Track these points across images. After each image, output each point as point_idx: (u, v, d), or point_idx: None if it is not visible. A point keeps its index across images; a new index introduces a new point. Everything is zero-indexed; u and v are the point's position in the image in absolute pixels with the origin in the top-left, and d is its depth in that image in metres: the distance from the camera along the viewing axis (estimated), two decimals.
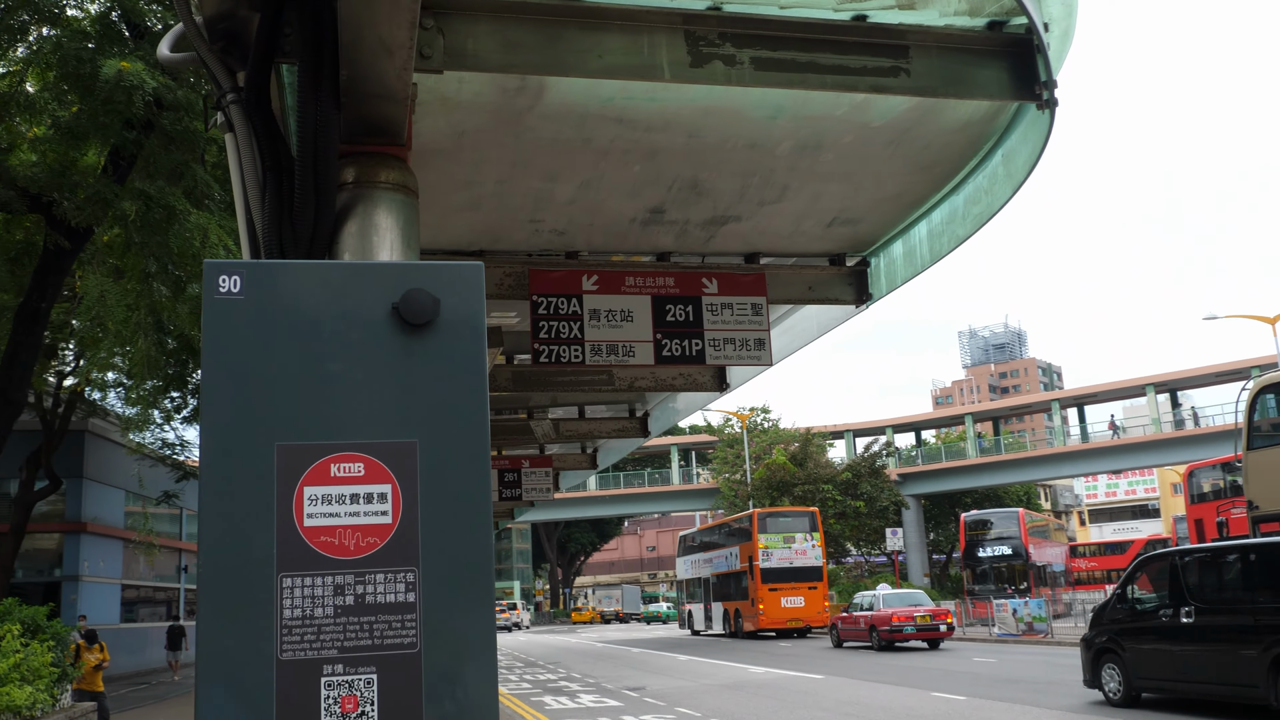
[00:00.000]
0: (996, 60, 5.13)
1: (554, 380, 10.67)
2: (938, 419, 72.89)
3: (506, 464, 15.81)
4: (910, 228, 7.63)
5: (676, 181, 6.52)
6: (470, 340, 2.56)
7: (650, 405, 14.08)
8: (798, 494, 54.25)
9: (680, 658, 30.38)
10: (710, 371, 10.85)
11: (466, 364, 2.55)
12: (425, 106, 5.34)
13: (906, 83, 4.94)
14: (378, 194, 4.08)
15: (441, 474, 2.49)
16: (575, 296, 7.54)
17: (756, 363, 7.78)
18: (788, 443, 59.33)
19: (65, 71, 13.58)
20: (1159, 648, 12.59)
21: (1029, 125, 5.85)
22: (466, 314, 2.57)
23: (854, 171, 6.58)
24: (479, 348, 2.56)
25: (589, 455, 17.51)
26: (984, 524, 46.26)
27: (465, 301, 2.57)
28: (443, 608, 2.44)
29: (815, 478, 55.16)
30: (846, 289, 8.17)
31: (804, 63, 4.81)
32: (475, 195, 6.53)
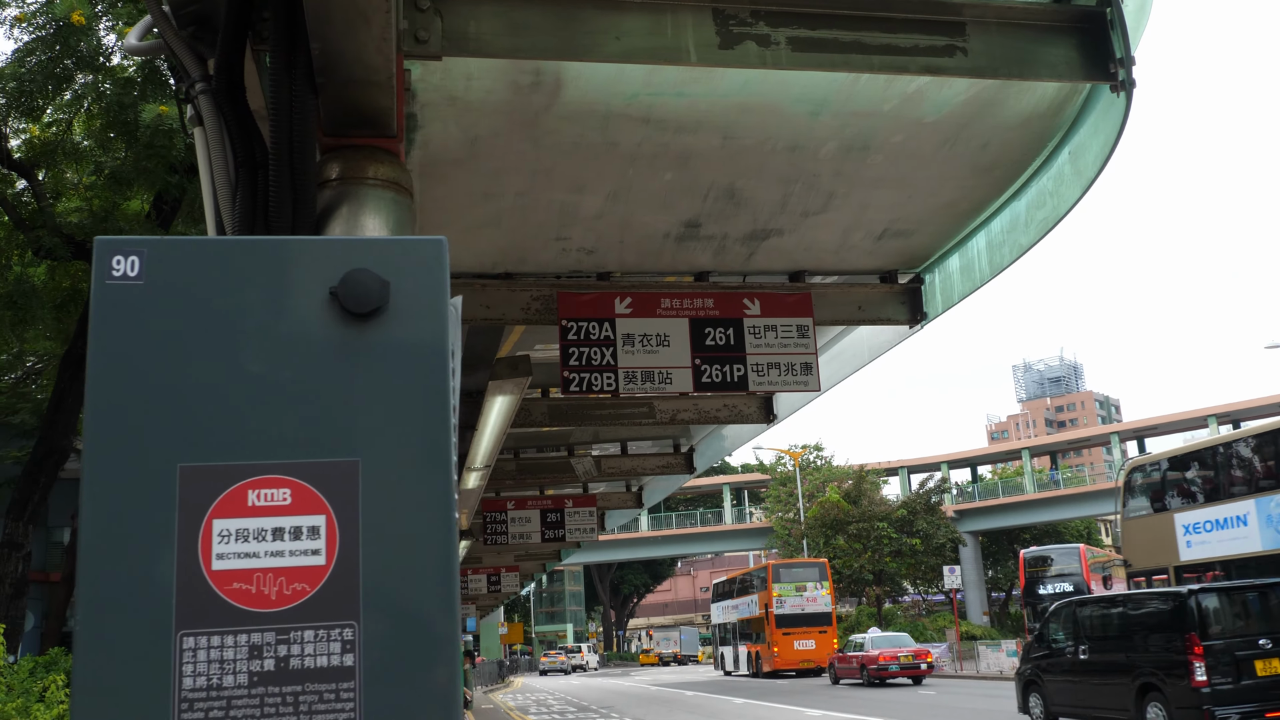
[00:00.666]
0: (1065, 37, 4.54)
1: (592, 414, 10.13)
2: (994, 454, 71.29)
3: (549, 504, 15.27)
4: (968, 239, 7.03)
5: (712, 190, 5.98)
6: (429, 333, 2.02)
7: (695, 440, 13.48)
8: (852, 532, 53.10)
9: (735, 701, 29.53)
10: (756, 401, 10.24)
11: (424, 363, 2.01)
12: (433, 109, 4.87)
13: (964, 63, 4.37)
14: (365, 191, 3.58)
15: (390, 502, 1.94)
16: (607, 320, 7.02)
17: (803, 388, 7.18)
18: (841, 480, 58.14)
19: (110, 119, 13.46)
20: (1066, 679, 15.16)
21: (1100, 114, 5.25)
22: (425, 300, 2.03)
23: (906, 176, 6.01)
24: (440, 342, 2.02)
25: (634, 494, 16.91)
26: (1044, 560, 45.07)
27: (423, 284, 2.03)
28: (390, 674, 1.88)
29: (870, 515, 53.94)
30: (899, 308, 7.57)
31: (848, 42, 4.26)
32: (496, 210, 6.05)
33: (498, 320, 7.01)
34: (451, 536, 1.95)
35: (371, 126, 3.58)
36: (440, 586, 1.93)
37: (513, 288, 7.00)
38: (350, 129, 3.58)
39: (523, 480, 14.17)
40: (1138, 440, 62.71)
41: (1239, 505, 17.13)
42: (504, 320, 7.01)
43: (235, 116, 3.45)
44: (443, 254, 2.05)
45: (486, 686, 53.16)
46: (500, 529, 15.09)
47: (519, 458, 13.26)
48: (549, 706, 33.46)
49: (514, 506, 15.16)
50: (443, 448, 1.97)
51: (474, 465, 9.72)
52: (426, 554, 1.93)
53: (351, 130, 3.59)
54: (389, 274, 2.01)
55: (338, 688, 1.86)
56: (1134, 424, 62.72)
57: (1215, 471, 18.29)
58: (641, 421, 10.20)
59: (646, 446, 13.91)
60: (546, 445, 13.71)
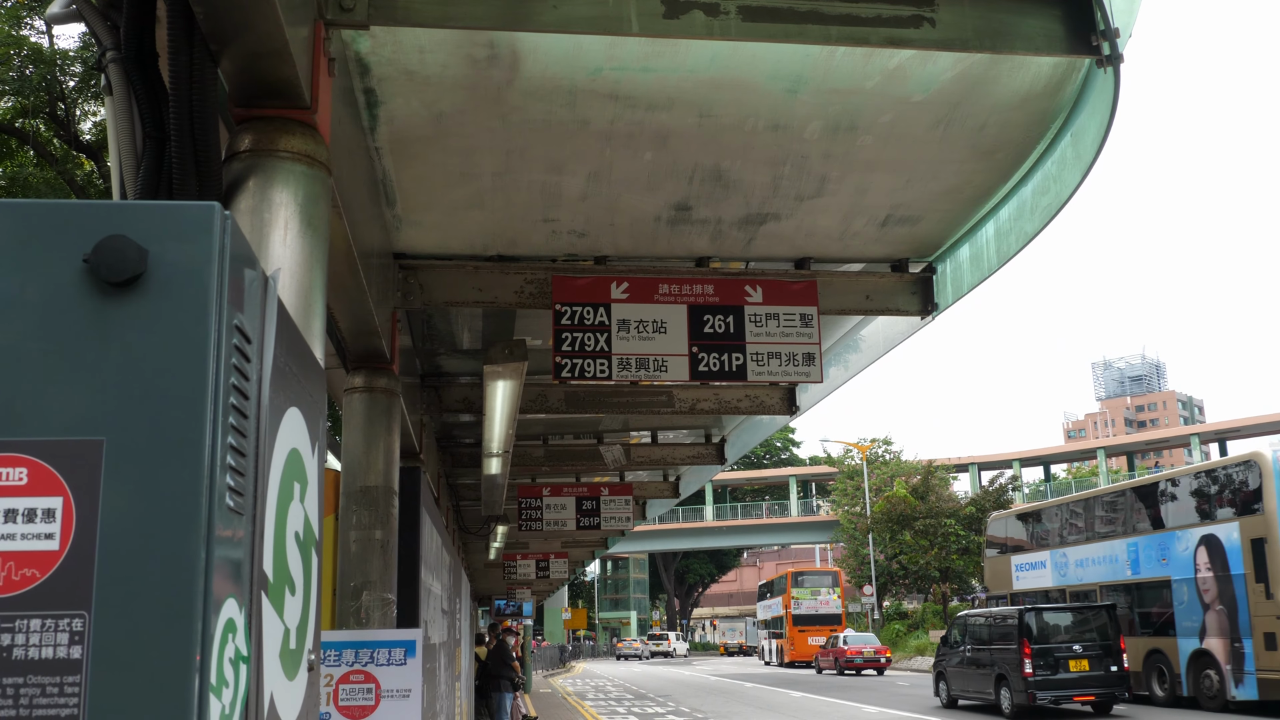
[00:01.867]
0: (1046, 7, 4.27)
1: (609, 400, 9.99)
2: (1067, 453, 69.65)
3: (585, 491, 15.16)
4: (978, 227, 6.72)
5: (696, 171, 5.78)
6: (191, 304, 1.87)
7: (727, 430, 13.27)
8: (919, 528, 52.24)
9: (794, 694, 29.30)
10: (779, 392, 10.01)
11: (183, 337, 1.86)
12: (390, 83, 4.74)
13: (931, 34, 4.12)
14: (276, 164, 3.47)
15: (136, 484, 1.80)
16: (603, 305, 6.85)
17: (805, 379, 6.94)
18: (909, 475, 57.24)
19: None
20: (959, 670, 21.71)
21: (1097, 93, 4.93)
22: (189, 269, 1.88)
23: (901, 158, 5.74)
24: (203, 315, 1.87)
25: (671, 483, 16.73)
26: None
27: (187, 253, 1.89)
28: (121, 669, 1.74)
29: (937, 511, 52.97)
30: (910, 298, 7.29)
31: (804, 11, 4.04)
32: (475, 190, 5.91)
33: (490, 304, 6.90)
34: (197, 521, 1.80)
35: (281, 97, 3.46)
36: (184, 576, 1.78)
37: (505, 270, 6.88)
38: (260, 100, 3.47)
39: (557, 467, 14.10)
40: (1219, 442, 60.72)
41: (1040, 555, 25.59)
42: (496, 304, 6.89)
43: (145, 86, 3.34)
44: (212, 222, 1.90)
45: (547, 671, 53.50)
46: (536, 515, 15.03)
47: (547, 444, 13.19)
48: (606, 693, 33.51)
49: (549, 493, 15.08)
50: (195, 426, 1.83)
51: (490, 450, 9.64)
52: (168, 543, 1.79)
53: (262, 101, 3.47)
54: (149, 241, 1.87)
55: (62, 681, 1.73)
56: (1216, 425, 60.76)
57: (1030, 529, 26.68)
58: (661, 410, 10.03)
59: (678, 436, 13.74)
60: (581, 432, 13.62)
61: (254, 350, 2.11)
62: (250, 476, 2.09)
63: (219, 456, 1.88)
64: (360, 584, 6.14)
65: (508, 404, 8.10)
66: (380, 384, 6.51)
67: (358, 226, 4.88)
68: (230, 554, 1.95)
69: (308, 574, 2.67)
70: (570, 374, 6.71)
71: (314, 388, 2.79)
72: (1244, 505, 18.02)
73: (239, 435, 2.00)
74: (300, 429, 2.60)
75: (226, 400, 1.92)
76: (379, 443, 6.43)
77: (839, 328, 9.06)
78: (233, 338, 1.97)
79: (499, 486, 11.31)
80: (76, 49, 14.43)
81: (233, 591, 1.96)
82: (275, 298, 2.26)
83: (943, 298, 7.20)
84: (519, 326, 8.81)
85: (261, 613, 2.18)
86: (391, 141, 5.28)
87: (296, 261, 3.35)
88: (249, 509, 2.08)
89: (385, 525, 6.31)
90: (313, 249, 3.43)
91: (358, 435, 6.40)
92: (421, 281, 6.81)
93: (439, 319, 8.73)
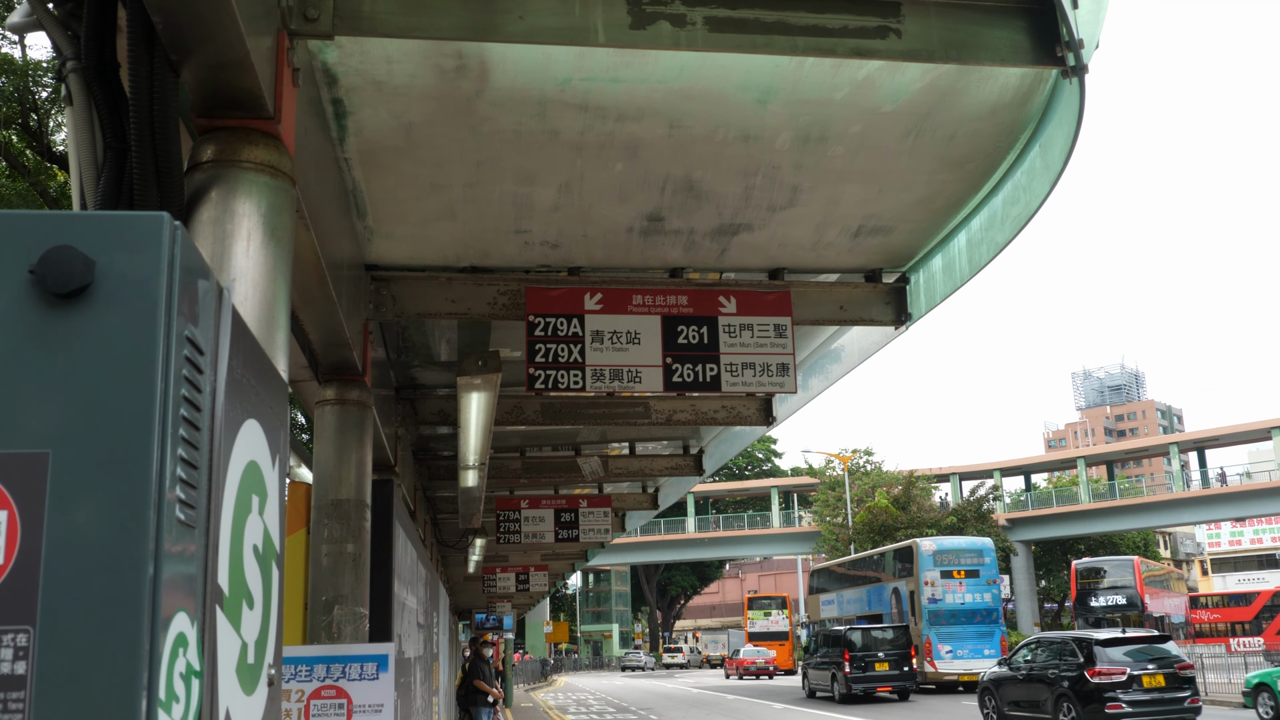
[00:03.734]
0: (1011, 19, 4.29)
1: (586, 412, 9.98)
2: (1048, 462, 69.94)
3: (563, 503, 15.12)
4: (950, 237, 6.76)
5: (668, 182, 5.79)
6: (140, 316, 1.86)
7: (705, 441, 13.27)
8: (900, 538, 52.35)
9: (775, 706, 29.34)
10: (755, 403, 10.01)
11: (131, 349, 1.85)
12: (359, 94, 4.73)
13: (897, 45, 4.14)
14: (239, 175, 3.45)
15: (82, 498, 1.78)
16: (576, 317, 6.85)
17: (779, 389, 6.95)
18: (890, 485, 57.46)
19: None
20: (816, 671, 32.66)
21: (1065, 104, 4.97)
22: (137, 280, 1.87)
23: (872, 169, 5.77)
24: (152, 326, 1.86)
25: (650, 495, 16.71)
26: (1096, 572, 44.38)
27: (136, 264, 1.87)
28: (67, 685, 1.72)
29: (919, 521, 53.23)
30: (884, 308, 7.31)
31: (770, 22, 4.05)
32: (447, 201, 5.91)
33: (463, 315, 6.88)
34: (145, 536, 1.79)
35: (244, 108, 3.44)
36: (128, 591, 1.77)
37: (479, 282, 6.87)
38: (222, 110, 3.45)
39: (535, 480, 14.06)
40: (1198, 451, 61.14)
41: (831, 595, 41.92)
42: (470, 315, 6.88)
43: (106, 97, 3.32)
44: (161, 232, 1.89)
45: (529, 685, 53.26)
46: (514, 527, 14.97)
47: (525, 456, 13.15)
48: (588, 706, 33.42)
49: (527, 505, 15.03)
50: (143, 440, 1.81)
51: (466, 463, 9.62)
52: (115, 556, 1.77)
53: (224, 112, 3.46)
54: (97, 252, 1.86)
55: (6, 697, 1.71)
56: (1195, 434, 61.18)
57: (829, 576, 43.08)
58: (638, 421, 10.02)
59: (656, 447, 13.73)
60: (558, 444, 13.58)
61: (207, 362, 2.10)
62: (203, 489, 2.07)
63: (168, 469, 1.86)
64: (332, 598, 6.10)
65: (483, 416, 8.08)
66: (352, 396, 6.48)
67: (327, 238, 4.87)
68: (181, 567, 1.93)
69: (268, 588, 2.65)
70: (544, 385, 6.70)
71: (274, 399, 2.77)
72: (908, 571, 34.30)
73: (190, 448, 1.98)
74: (259, 441, 2.58)
75: (177, 412, 1.91)
76: (351, 455, 6.40)
77: (814, 338, 9.08)
78: (184, 349, 1.95)
79: (476, 499, 11.27)
80: (49, 59, 14.36)
81: (184, 605, 1.95)
82: (230, 309, 2.25)
83: (916, 307, 7.22)
84: (495, 338, 8.80)
85: (216, 627, 2.16)
86: (361, 152, 5.27)
87: (259, 273, 3.33)
88: (201, 522, 2.06)
89: (357, 539, 6.27)
90: (276, 260, 3.41)
91: (329, 448, 6.37)
92: (394, 293, 6.79)
93: (414, 331, 8.71)
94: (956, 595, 33.23)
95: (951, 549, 34.31)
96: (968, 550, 34.37)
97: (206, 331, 2.10)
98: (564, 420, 10.13)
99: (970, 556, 34.09)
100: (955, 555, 33.99)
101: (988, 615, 32.99)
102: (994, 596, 33.51)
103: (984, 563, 33.96)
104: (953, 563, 33.76)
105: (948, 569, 33.60)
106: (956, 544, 34.83)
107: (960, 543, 35.03)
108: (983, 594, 33.44)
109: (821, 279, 7.44)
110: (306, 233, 4.34)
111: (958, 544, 34.84)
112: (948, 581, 33.39)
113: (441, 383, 10.14)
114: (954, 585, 33.38)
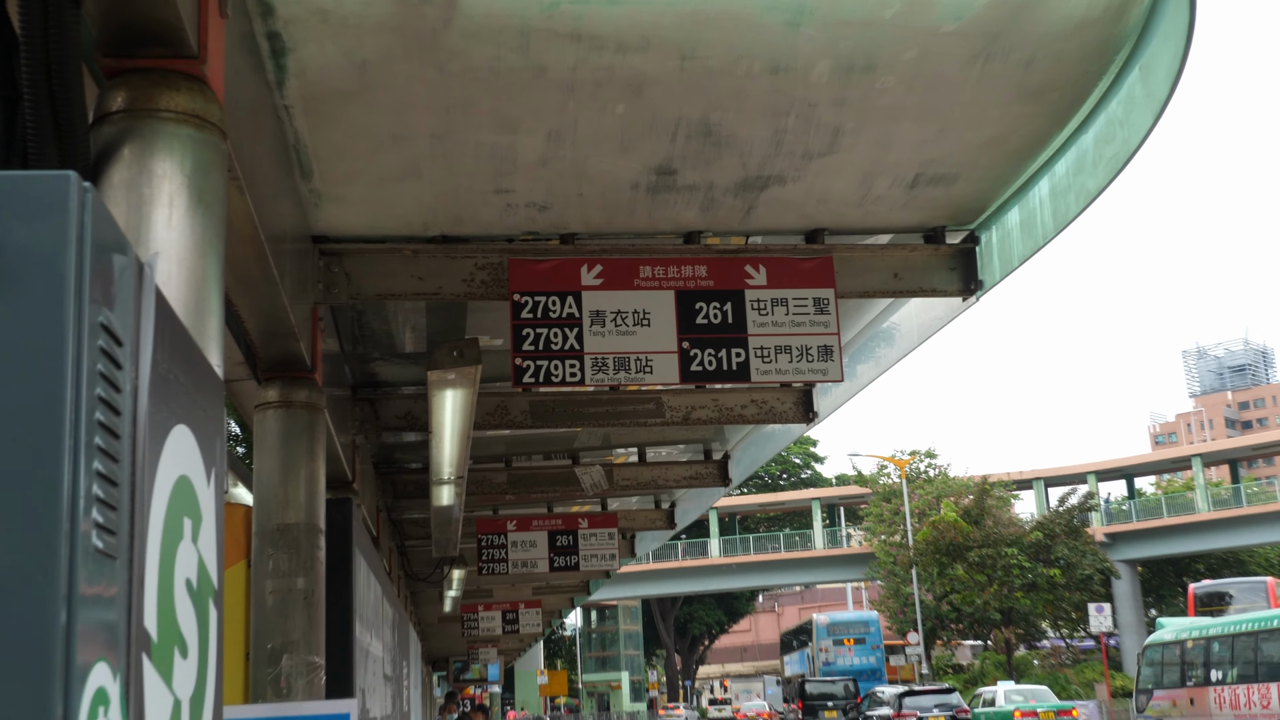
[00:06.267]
0: None
1: (584, 412, 10.01)
2: (1156, 462, 70.03)
3: (559, 524, 15.15)
4: (1029, 186, 6.78)
5: (681, 126, 5.82)
6: (42, 299, 1.87)
7: (731, 444, 13.31)
8: (973, 560, 52.55)
9: None
10: (792, 396, 10.04)
11: (32, 339, 1.86)
12: (300, 26, 4.76)
13: None
14: (157, 128, 3.49)
15: None
16: (571, 294, 6.89)
17: (821, 377, 6.99)
18: (959, 495, 57.58)
19: None
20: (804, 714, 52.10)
21: (1171, 15, 4.99)
22: (38, 255, 1.88)
23: (930, 104, 5.79)
24: (58, 311, 1.87)
25: (664, 511, 16.75)
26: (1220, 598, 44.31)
27: (36, 235, 1.89)
28: None
29: (995, 539, 53.29)
30: (948, 275, 7.35)
31: None
32: (410, 156, 5.94)
33: (433, 295, 6.93)
34: (52, 574, 1.80)
35: (160, 44, 3.47)
36: (35, 638, 1.78)
37: (451, 254, 6.91)
38: (134, 48, 3.48)
39: (525, 496, 14.11)
40: None
41: (793, 655, 64.64)
42: (441, 295, 6.93)
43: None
44: (67, 196, 1.90)
45: None
46: (499, 555, 14.99)
47: (511, 467, 13.21)
48: None
49: (515, 528, 15.06)
50: (48, 456, 1.83)
51: (440, 477, 9.66)
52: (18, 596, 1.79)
53: (136, 50, 3.49)
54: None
55: None
56: None
57: (794, 636, 65.87)
58: (648, 421, 10.05)
59: (672, 453, 13.78)
60: (552, 451, 13.64)
61: (126, 355, 2.12)
62: (124, 510, 2.09)
63: (82, 486, 1.88)
64: (279, 645, 6.14)
65: (459, 418, 8.11)
66: (300, 397, 6.52)
67: (264, 203, 4.89)
68: (99, 608, 1.95)
69: (204, 632, 2.67)
70: (534, 378, 6.74)
71: (208, 401, 2.79)
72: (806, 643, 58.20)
73: (108, 460, 2.00)
74: (191, 451, 2.60)
75: (91, 417, 1.93)
76: (299, 469, 6.44)
77: (863, 314, 9.11)
78: (97, 339, 1.97)
79: (453, 521, 11.32)
80: None
81: (104, 654, 1.97)
82: (154, 290, 2.27)
83: (988, 273, 7.25)
84: (471, 323, 8.84)
85: (143, 680, 2.18)
86: (304, 98, 5.30)
87: (185, 246, 3.36)
88: (124, 551, 2.08)
89: (309, 572, 6.31)
90: (205, 230, 3.44)
91: (273, 461, 6.40)
92: (348, 270, 6.82)
93: (373, 316, 8.75)
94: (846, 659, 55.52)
95: (841, 622, 58.28)
96: (855, 623, 58.06)
97: (125, 318, 2.12)
98: (558, 422, 10.17)
99: (858, 628, 57.27)
100: (845, 627, 57.38)
101: (872, 674, 53.76)
102: (878, 659, 55.70)
103: (869, 632, 57.06)
104: (843, 633, 56.75)
105: (838, 638, 56.45)
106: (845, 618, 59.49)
107: (849, 617, 60.10)
108: (868, 657, 55.96)
109: (871, 241, 7.48)
110: (240, 197, 4.36)
111: (847, 618, 59.50)
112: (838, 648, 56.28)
113: (408, 379, 10.19)
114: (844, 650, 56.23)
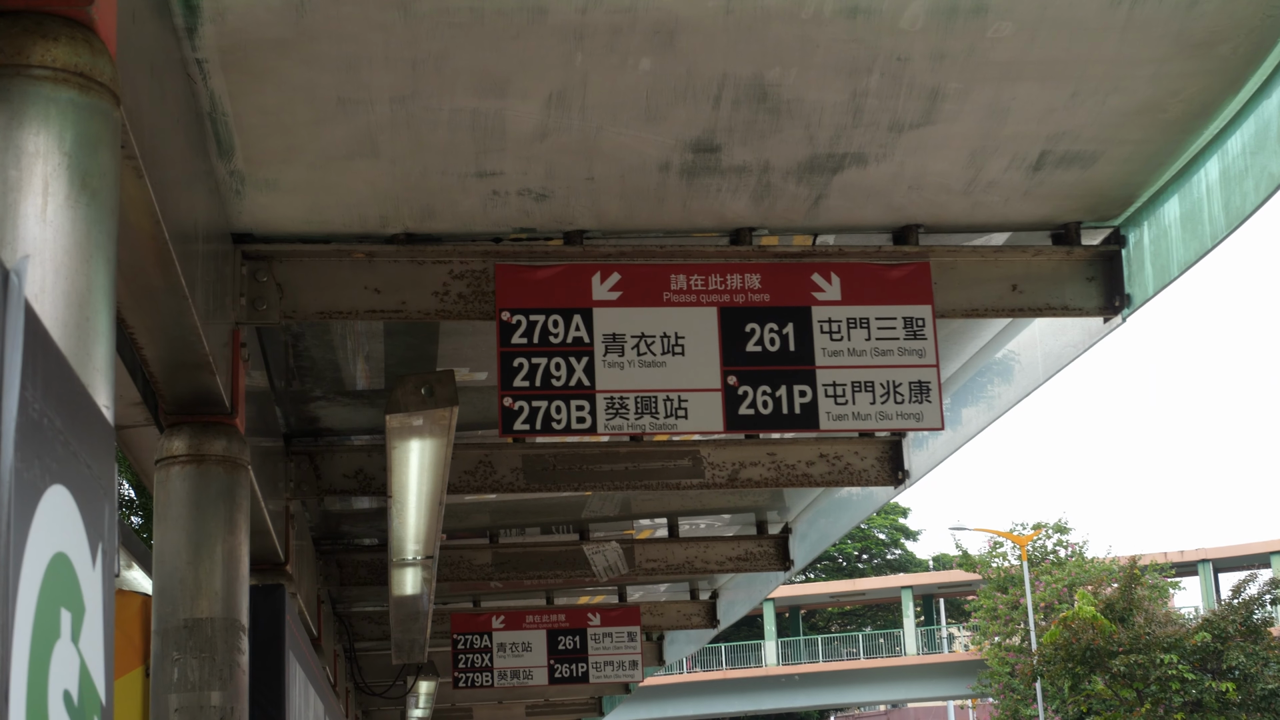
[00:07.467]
0: None
1: (595, 470, 10.00)
2: None
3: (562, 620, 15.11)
4: (1193, 168, 6.78)
5: (726, 88, 5.85)
6: None
7: (792, 515, 13.29)
8: (1118, 669, 52.37)
9: None
10: (876, 449, 10.04)
11: None
12: None
13: None
14: (28, 89, 3.54)
15: None
16: (579, 311, 6.93)
17: (914, 424, 7.01)
18: (1099, 583, 57.43)
19: None
20: None
21: None
22: None
23: (1060, 59, 5.83)
24: None
25: (704, 605, 16.63)
26: None
27: None
28: None
29: (1149, 642, 53.14)
30: (1084, 287, 7.36)
31: None
32: (364, 126, 5.98)
33: (395, 314, 6.97)
34: None
35: None
36: None
37: (418, 258, 6.96)
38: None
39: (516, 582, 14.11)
40: None
41: None
42: (405, 314, 6.96)
43: None
44: None
45: None
46: (481, 662, 14.97)
47: (497, 544, 13.22)
48: None
49: (503, 625, 15.07)
50: None
51: (402, 556, 9.69)
52: None
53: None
54: None
55: None
56: None
57: None
58: (682, 483, 10.05)
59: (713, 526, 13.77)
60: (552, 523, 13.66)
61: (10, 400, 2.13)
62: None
63: None
64: None
65: (429, 479, 8.14)
66: (215, 449, 6.54)
67: (169, 189, 4.93)
68: None
69: None
70: (528, 425, 6.77)
71: (94, 454, 2.81)
72: None
73: None
74: (71, 521, 2.62)
75: None
76: (214, 546, 6.45)
77: (969, 339, 9.11)
78: None
79: (420, 616, 11.34)
80: None
81: None
82: (22, 306, 2.28)
83: (1138, 285, 7.23)
84: (444, 351, 8.89)
85: None
86: (223, 50, 5.33)
87: (64, 247, 3.38)
88: None
89: (227, 684, 6.32)
90: (91, 227, 3.46)
91: (179, 534, 6.42)
92: (280, 279, 6.86)
93: (313, 341, 8.78)
94: None
95: None
96: None
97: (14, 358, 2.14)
98: (561, 483, 10.19)
99: None
100: None
101: None
102: None
103: None
104: None
105: None
106: None
107: None
108: None
109: (981, 242, 7.49)
110: (138, 181, 4.39)
111: None
112: None
113: (360, 425, 10.23)
114: None
